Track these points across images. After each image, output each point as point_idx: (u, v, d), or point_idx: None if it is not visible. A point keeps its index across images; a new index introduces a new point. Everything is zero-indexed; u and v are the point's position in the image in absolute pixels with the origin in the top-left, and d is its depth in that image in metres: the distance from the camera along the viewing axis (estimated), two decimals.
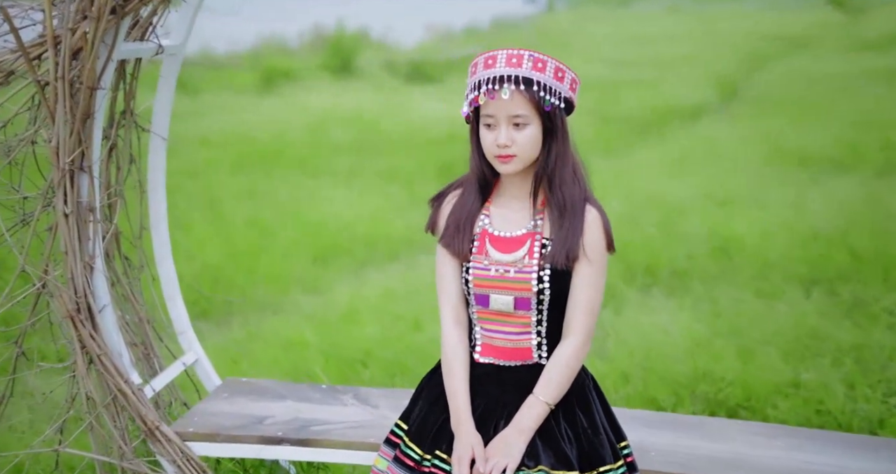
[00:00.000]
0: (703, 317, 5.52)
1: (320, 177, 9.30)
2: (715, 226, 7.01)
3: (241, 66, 16.47)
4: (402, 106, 12.38)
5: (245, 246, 7.24)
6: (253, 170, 9.29)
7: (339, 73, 15.53)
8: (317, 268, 7.06)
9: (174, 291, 3.54)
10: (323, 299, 6.41)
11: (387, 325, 5.71)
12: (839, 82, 14.02)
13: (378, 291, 6.41)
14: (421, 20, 24.30)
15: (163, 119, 3.43)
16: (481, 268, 2.71)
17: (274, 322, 5.96)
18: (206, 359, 3.58)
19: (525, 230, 2.71)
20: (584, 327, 2.70)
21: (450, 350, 2.79)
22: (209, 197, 8.26)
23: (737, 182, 8.52)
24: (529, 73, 2.57)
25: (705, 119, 12.44)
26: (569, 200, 2.68)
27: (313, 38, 19.12)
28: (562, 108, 2.64)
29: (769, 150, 9.83)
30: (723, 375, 4.59)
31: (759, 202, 7.80)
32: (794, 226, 6.93)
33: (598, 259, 2.69)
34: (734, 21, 25.40)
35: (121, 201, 3.33)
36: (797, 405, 4.29)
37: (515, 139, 2.60)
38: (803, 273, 6.10)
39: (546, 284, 2.66)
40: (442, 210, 2.86)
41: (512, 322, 2.72)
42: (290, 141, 10.40)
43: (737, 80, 15.47)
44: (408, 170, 9.49)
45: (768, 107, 12.63)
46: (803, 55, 18.35)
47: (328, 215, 8.01)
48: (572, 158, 2.74)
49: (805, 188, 8.21)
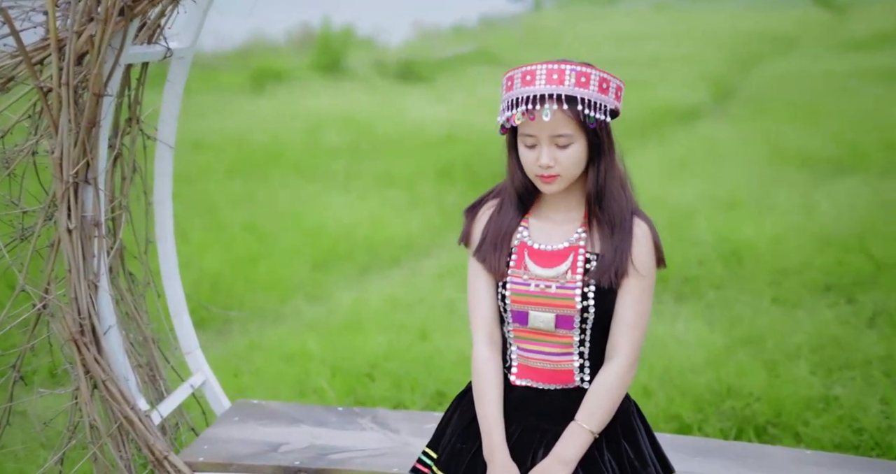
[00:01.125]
0: (719, 326, 5.34)
1: (317, 180, 9.09)
2: (723, 230, 6.83)
3: (229, 65, 16.24)
4: (396, 107, 12.18)
5: (243, 252, 7.04)
6: (248, 175, 9.08)
7: (329, 73, 15.32)
8: (317, 274, 6.87)
9: (181, 308, 3.34)
10: (325, 307, 6.23)
11: (392, 335, 5.53)
12: (833, 81, 13.90)
13: (381, 299, 6.23)
14: (408, 18, 24.13)
15: (170, 126, 3.24)
16: (520, 283, 2.53)
17: (275, 331, 5.77)
18: (214, 381, 3.38)
19: (567, 243, 2.54)
20: (630, 348, 2.52)
21: (482, 371, 2.60)
22: (205, 202, 8.05)
23: (741, 184, 8.35)
24: (572, 90, 2.39)
25: (702, 120, 12.28)
26: (617, 215, 2.52)
27: (301, 36, 18.92)
28: (607, 122, 2.47)
29: (770, 151, 9.67)
30: (749, 390, 4.41)
31: (765, 205, 7.62)
32: (805, 230, 6.75)
33: (648, 275, 2.53)
34: (719, 19, 25.29)
35: (125, 214, 3.12)
36: (830, 422, 4.11)
37: (559, 159, 2.43)
38: (819, 279, 5.93)
39: (591, 301, 2.48)
40: (477, 221, 2.68)
41: (552, 341, 2.54)
42: (284, 144, 10.19)
43: (730, 80, 15.33)
44: (406, 172, 9.29)
45: (765, 107, 12.48)
46: (793, 54, 18.24)
47: (327, 220, 7.82)
48: (619, 171, 2.56)
49: (811, 190, 8.04)
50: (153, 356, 3.23)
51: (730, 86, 14.85)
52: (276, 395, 4.81)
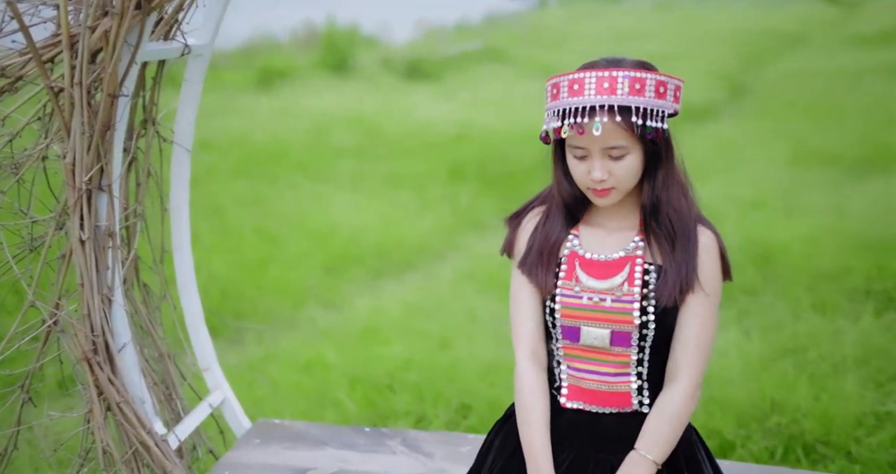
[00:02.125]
0: (756, 334, 5.11)
1: (324, 181, 8.86)
2: (751, 233, 6.59)
3: (233, 64, 16.01)
4: (402, 105, 11.93)
5: (253, 256, 6.82)
6: (254, 175, 8.84)
7: (334, 72, 15.08)
8: (329, 278, 6.65)
9: (198, 322, 3.11)
10: (340, 314, 6.01)
11: (411, 344, 5.31)
12: (847, 78, 13.64)
13: (398, 305, 6.01)
14: (412, 16, 23.95)
15: (187, 128, 3.02)
16: (571, 296, 2.32)
17: (290, 340, 5.55)
18: (234, 399, 3.15)
19: (623, 252, 2.33)
20: (695, 371, 2.30)
21: (527, 393, 2.38)
22: (213, 204, 7.82)
23: (764, 184, 8.10)
24: (626, 99, 2.16)
25: (717, 118, 12.03)
26: (678, 225, 2.30)
27: (305, 34, 18.71)
28: (665, 129, 2.24)
29: (791, 150, 9.42)
30: (795, 405, 4.17)
31: (793, 205, 7.37)
32: (839, 232, 6.49)
33: (714, 290, 2.31)
34: (724, 18, 25.03)
35: (141, 222, 2.89)
36: (884, 441, 3.87)
37: (612, 171, 2.22)
38: (858, 284, 5.68)
39: (650, 316, 2.27)
40: (521, 230, 2.46)
41: (607, 360, 2.32)
42: (290, 143, 9.95)
43: (741, 78, 15.08)
44: (415, 173, 9.06)
45: (780, 104, 12.23)
46: (803, 51, 17.99)
47: (336, 222, 7.60)
48: (678, 176, 2.34)
49: (840, 189, 7.79)
50: (169, 373, 3.00)
51: (742, 83, 14.59)
52: (294, 408, 4.60)
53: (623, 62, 2.23)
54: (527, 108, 11.65)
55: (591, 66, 2.24)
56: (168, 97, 3.22)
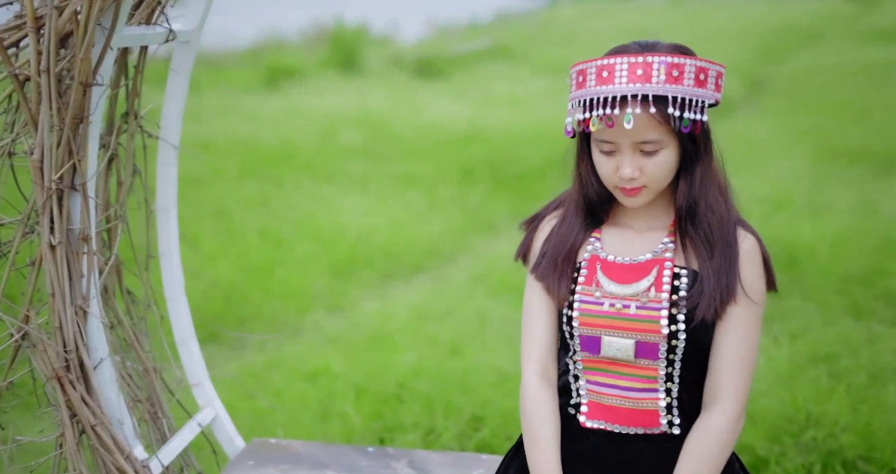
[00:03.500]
0: (783, 341, 4.83)
1: (332, 182, 8.59)
2: (777, 232, 6.29)
3: (242, 64, 15.79)
4: (412, 105, 11.66)
5: (258, 259, 6.56)
6: (261, 176, 8.58)
7: (343, 71, 14.83)
8: (337, 282, 6.39)
9: (188, 334, 2.85)
10: (346, 319, 5.75)
11: (421, 351, 5.05)
12: (867, 74, 13.31)
13: (406, 309, 5.74)
14: (422, 15, 23.80)
15: (174, 123, 2.76)
16: (591, 302, 2.08)
17: (294, 346, 5.30)
18: (226, 416, 2.89)
19: (651, 255, 2.09)
20: (739, 392, 2.06)
21: (535, 413, 2.15)
22: (216, 206, 7.57)
23: (788, 182, 7.78)
24: (662, 88, 1.92)
25: (736, 114, 11.74)
26: (717, 229, 2.06)
27: (315, 33, 18.51)
28: (704, 121, 1.99)
29: (815, 147, 9.10)
30: (833, 418, 3.89)
31: (820, 204, 7.05)
32: (869, 232, 6.19)
33: (759, 301, 2.07)
34: (737, 14, 24.68)
35: (122, 225, 2.63)
36: None
37: (644, 168, 1.99)
38: (892, 287, 5.39)
39: (680, 325, 2.03)
40: (537, 235, 2.24)
41: (631, 374, 2.08)
42: (297, 144, 9.68)
43: (757, 74, 14.77)
44: (426, 173, 8.79)
45: (801, 100, 11.91)
46: (820, 47, 17.65)
47: (344, 224, 7.33)
48: (717, 175, 2.10)
49: (867, 187, 7.47)
50: (154, 389, 2.73)
51: (759, 80, 14.28)
52: (298, 421, 4.35)
53: (658, 46, 1.98)
54: (538, 106, 11.38)
55: (622, 50, 1.99)
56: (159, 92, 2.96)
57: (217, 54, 16.62)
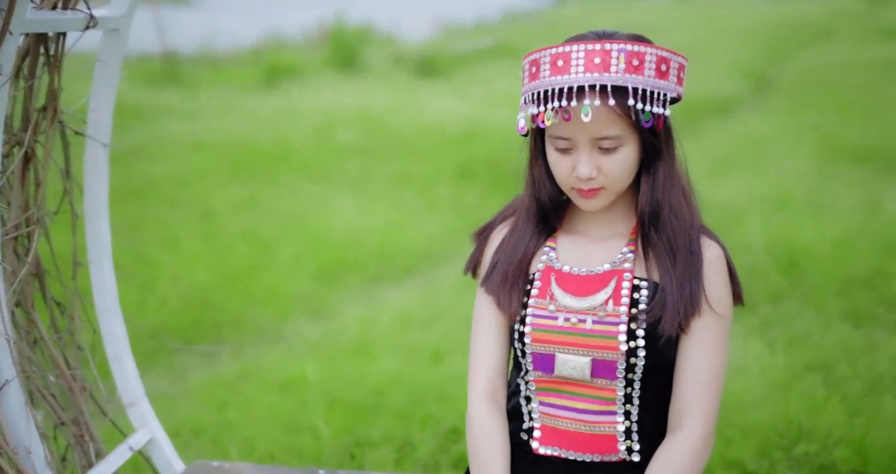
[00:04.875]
0: (779, 347, 4.61)
1: (327, 183, 8.39)
2: (776, 233, 6.07)
3: (243, 63, 15.64)
4: (413, 104, 11.46)
5: (241, 263, 6.35)
6: (253, 177, 8.38)
7: (343, 70, 14.64)
8: (322, 286, 6.16)
9: (122, 350, 2.62)
10: (328, 325, 5.53)
11: (402, 359, 4.84)
12: (875, 71, 13.08)
13: (392, 315, 5.52)
14: (428, 14, 23.74)
15: (103, 119, 2.54)
16: (544, 316, 1.91)
17: (272, 354, 5.08)
18: (164, 438, 2.67)
19: (609, 265, 1.90)
20: (707, 413, 1.87)
21: (480, 438, 1.98)
22: (203, 207, 7.36)
23: (791, 181, 7.55)
24: (622, 78, 1.74)
25: (740, 113, 11.51)
26: (680, 236, 1.89)
27: (319, 33, 18.39)
28: (667, 116, 1.82)
29: (819, 145, 8.87)
30: (826, 430, 3.67)
31: (822, 204, 6.82)
32: (872, 233, 5.95)
33: (725, 313, 1.90)
34: (745, 11, 24.55)
35: (40, 230, 2.40)
36: None
37: (603, 167, 1.82)
38: (895, 291, 5.15)
39: (640, 341, 1.84)
40: (488, 245, 2.07)
41: (588, 395, 1.90)
42: (294, 143, 9.49)
43: (766, 71, 14.54)
44: (423, 173, 8.58)
45: (807, 98, 11.67)
46: (828, 45, 17.42)
47: (335, 226, 7.12)
48: (680, 177, 1.93)
49: (870, 187, 7.23)
50: (82, 411, 2.50)
51: (766, 77, 14.05)
52: (266, 433, 4.13)
53: (616, 35, 1.80)
54: None
55: (578, 38, 1.80)
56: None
57: (223, 54, 16.53)
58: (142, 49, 14.22)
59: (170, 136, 9.55)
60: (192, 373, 4.95)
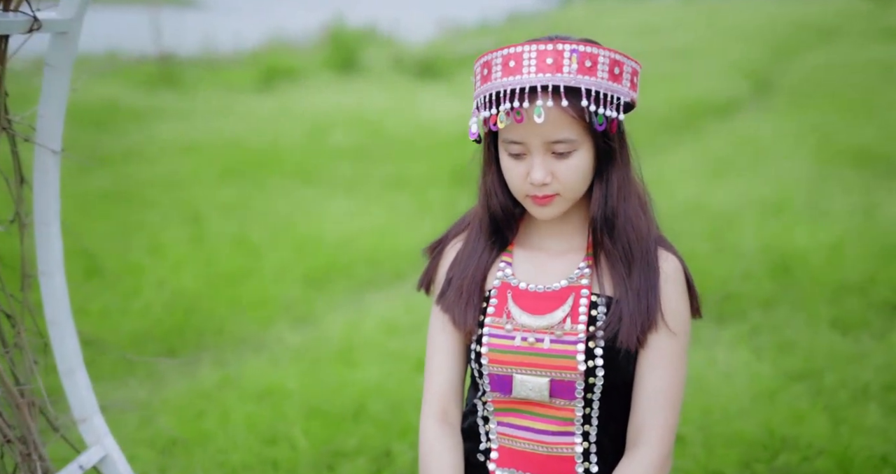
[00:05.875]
0: (768, 355, 4.52)
1: (320, 186, 8.32)
2: (772, 239, 5.96)
3: (244, 65, 15.57)
4: (409, 105, 11.38)
5: (228, 268, 6.26)
6: (245, 179, 8.30)
7: (342, 71, 14.56)
8: (309, 292, 6.08)
9: (75, 363, 2.54)
10: (313, 332, 5.45)
11: (385, 367, 4.77)
12: (880, 72, 12.93)
13: (377, 321, 5.44)
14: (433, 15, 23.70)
15: (53, 125, 2.45)
16: (501, 336, 1.86)
17: (254, 363, 5.00)
18: (118, 454, 2.58)
19: (566, 282, 1.85)
20: (664, 430, 1.82)
21: (430, 459, 1.92)
22: (190, 212, 7.28)
23: (789, 184, 7.43)
24: (574, 78, 1.70)
25: (741, 115, 11.39)
26: (636, 247, 1.83)
27: (322, 34, 18.34)
28: (621, 121, 1.78)
29: (820, 148, 8.74)
30: (808, 440, 3.58)
31: (819, 208, 6.70)
32: (867, 238, 5.84)
33: (683, 328, 1.85)
34: (753, 12, 24.36)
35: None
36: None
37: (556, 173, 1.77)
38: (887, 296, 5.05)
39: (598, 361, 1.79)
40: (442, 261, 2.03)
41: (546, 416, 1.85)
42: (287, 145, 9.42)
43: (769, 72, 14.42)
44: (416, 175, 8.50)
45: (809, 99, 11.53)
46: (835, 45, 17.25)
47: (326, 230, 7.04)
48: (636, 185, 1.87)
49: (869, 190, 7.11)
50: (30, 428, 2.41)
51: (769, 78, 13.92)
52: (242, 444, 4.05)
53: (569, 38, 1.76)
54: None
55: (531, 40, 1.77)
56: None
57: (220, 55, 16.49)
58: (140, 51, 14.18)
59: (163, 139, 9.48)
60: (172, 382, 4.87)
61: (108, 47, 14.91)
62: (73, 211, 6.48)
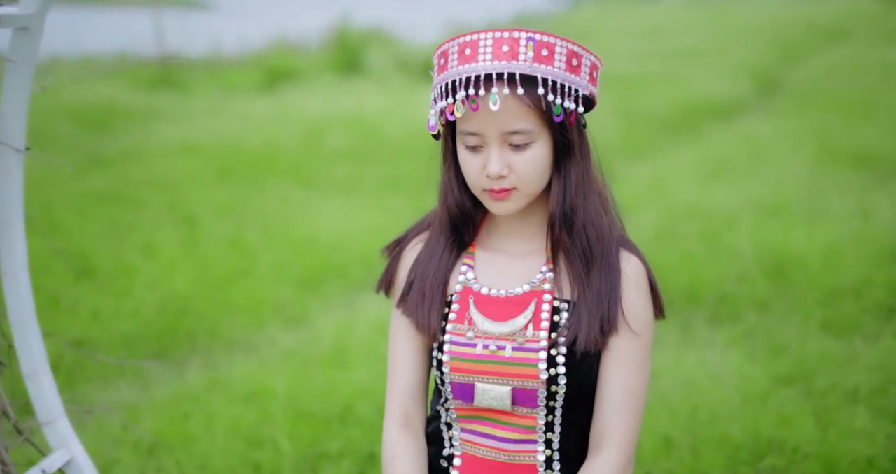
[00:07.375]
0: (760, 357, 4.47)
1: (316, 187, 8.27)
2: (768, 241, 5.90)
3: (247, 66, 15.54)
4: (410, 107, 11.32)
5: (221, 269, 6.22)
6: (241, 181, 8.26)
7: (344, 73, 14.52)
8: (303, 293, 6.04)
9: (39, 366, 2.49)
10: (305, 334, 5.41)
11: (375, 368, 4.71)
12: (887, 74, 12.85)
13: (369, 323, 5.39)
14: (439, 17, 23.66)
15: (15, 123, 2.41)
16: (462, 344, 1.83)
17: (243, 365, 4.96)
18: (84, 458, 2.53)
19: (529, 286, 1.81)
20: (625, 434, 1.79)
21: (392, 465, 1.91)
22: (185, 213, 7.25)
23: (788, 187, 7.36)
24: (530, 66, 1.68)
25: (744, 116, 11.33)
26: (596, 246, 1.79)
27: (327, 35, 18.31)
28: (580, 113, 1.75)
29: (820, 150, 8.66)
30: (795, 444, 3.54)
31: (816, 210, 6.64)
32: (863, 240, 5.78)
33: (644, 331, 1.81)
34: (760, 13, 24.32)
35: None
36: None
37: (514, 166, 1.74)
38: (881, 299, 4.99)
39: (560, 369, 1.76)
40: (402, 262, 1.99)
41: (508, 423, 1.82)
42: (285, 147, 9.38)
43: (774, 74, 14.33)
44: (413, 177, 8.42)
45: (813, 101, 11.46)
46: (843, 47, 17.18)
47: (322, 231, 6.99)
48: (597, 184, 1.82)
49: (870, 194, 7.03)
50: None
51: (774, 79, 13.84)
52: (227, 447, 4.02)
53: (527, 29, 1.74)
54: None
55: (488, 29, 1.75)
56: None
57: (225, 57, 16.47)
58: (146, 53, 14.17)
59: (160, 140, 9.46)
60: (160, 384, 4.84)
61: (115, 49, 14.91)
62: (67, 212, 6.47)
